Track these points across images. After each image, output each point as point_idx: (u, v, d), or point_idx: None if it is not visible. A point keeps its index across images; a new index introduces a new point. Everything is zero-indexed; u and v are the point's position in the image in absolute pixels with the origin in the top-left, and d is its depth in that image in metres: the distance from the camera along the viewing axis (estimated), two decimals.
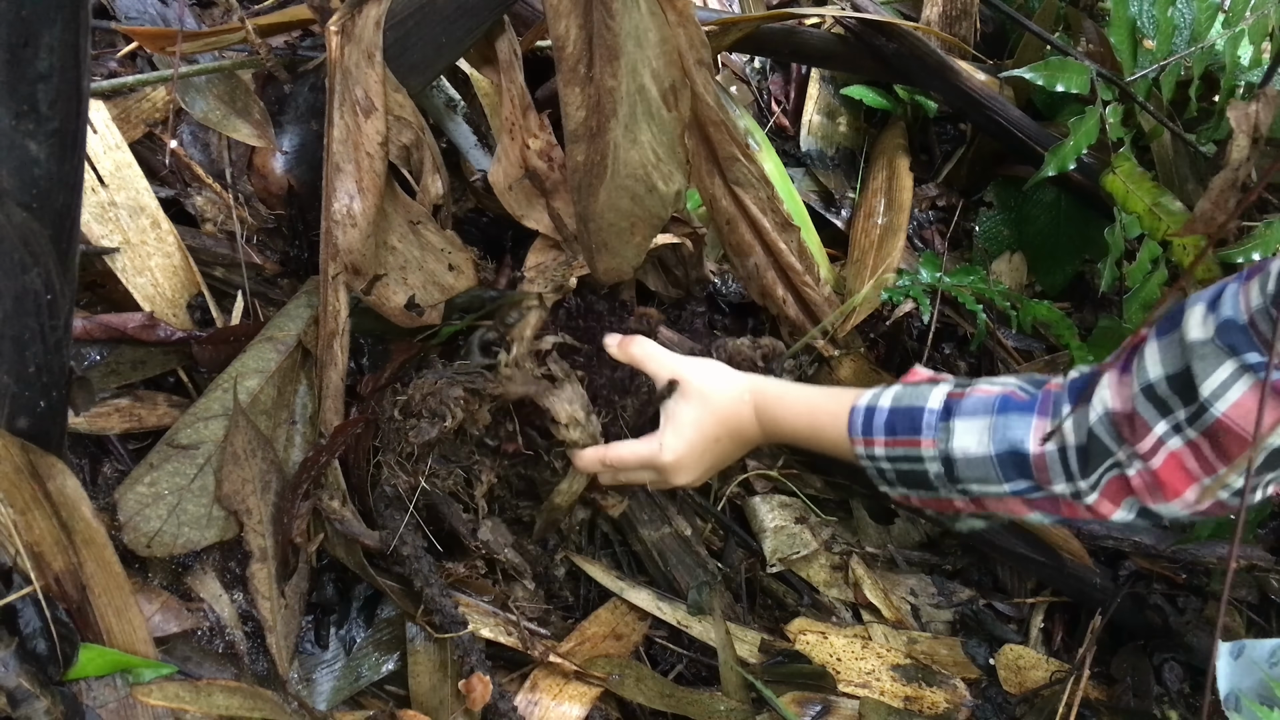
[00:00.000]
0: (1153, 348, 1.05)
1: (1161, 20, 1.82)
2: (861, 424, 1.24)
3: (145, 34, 1.36)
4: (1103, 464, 1.08)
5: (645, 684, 1.39)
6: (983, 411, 1.17)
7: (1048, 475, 1.12)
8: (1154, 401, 1.03)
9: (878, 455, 1.23)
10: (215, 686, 1.13)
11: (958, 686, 1.57)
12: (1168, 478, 1.04)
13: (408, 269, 1.36)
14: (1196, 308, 1.02)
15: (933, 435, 1.18)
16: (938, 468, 1.18)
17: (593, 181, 1.26)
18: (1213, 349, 0.98)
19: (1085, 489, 1.11)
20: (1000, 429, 1.15)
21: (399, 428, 1.23)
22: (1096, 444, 1.08)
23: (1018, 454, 1.13)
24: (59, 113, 0.82)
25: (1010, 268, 2.06)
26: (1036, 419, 1.14)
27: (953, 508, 1.24)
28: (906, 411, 1.21)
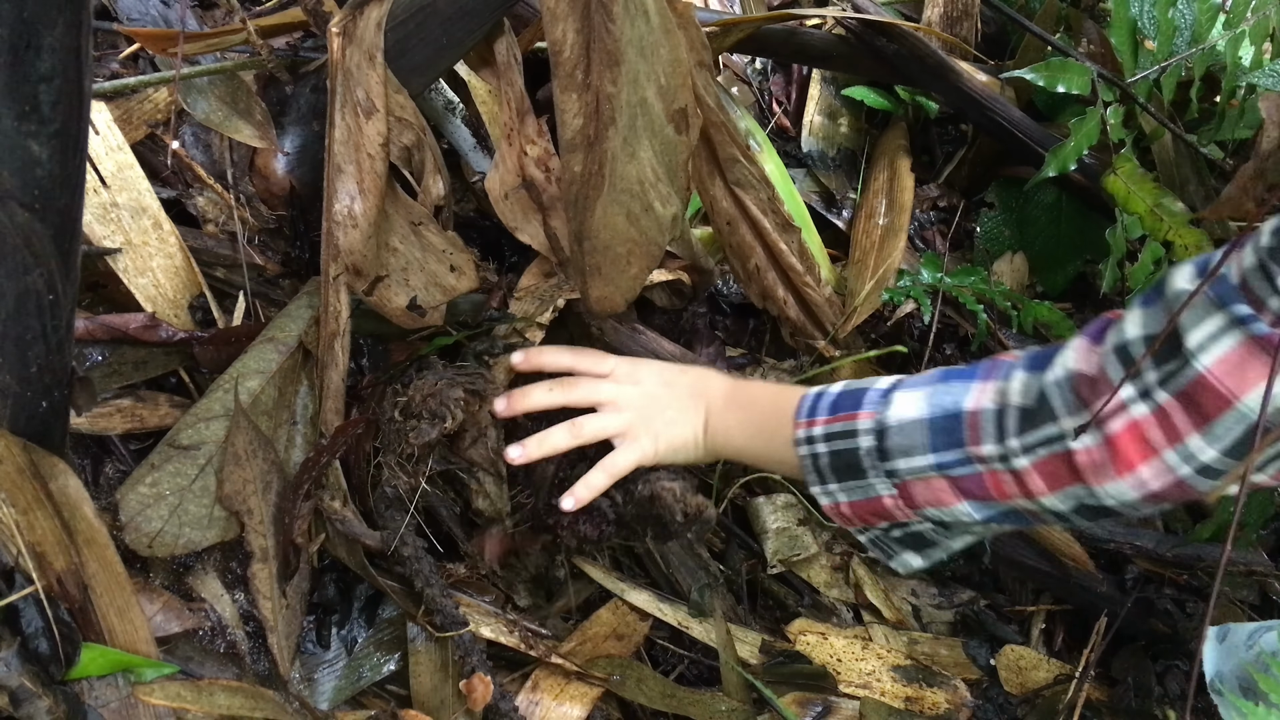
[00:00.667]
0: (1135, 313, 1.00)
1: (1162, 21, 1.82)
2: (809, 406, 1.21)
3: (147, 35, 1.36)
4: (1043, 430, 1.02)
5: (646, 684, 1.40)
6: (925, 383, 1.13)
7: (978, 434, 1.06)
8: (1125, 361, 0.97)
9: (815, 436, 1.18)
10: (217, 686, 1.13)
11: (959, 687, 1.57)
12: (1124, 447, 0.97)
13: (409, 270, 1.36)
14: (1185, 268, 0.98)
15: (872, 408, 1.14)
16: (870, 441, 1.13)
17: (589, 194, 1.23)
18: (1202, 299, 0.93)
19: (1016, 449, 1.04)
20: (939, 393, 1.11)
21: (399, 429, 1.23)
22: (1045, 407, 1.02)
23: (954, 413, 1.08)
24: (61, 114, 0.82)
25: (1011, 268, 2.06)
26: (979, 382, 1.09)
27: (880, 507, 1.17)
28: (854, 392, 1.19)
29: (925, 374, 1.16)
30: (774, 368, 1.77)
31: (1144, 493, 0.99)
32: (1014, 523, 1.14)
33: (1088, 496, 1.03)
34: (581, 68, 1.13)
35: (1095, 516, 1.06)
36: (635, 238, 1.31)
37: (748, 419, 1.31)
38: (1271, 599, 1.84)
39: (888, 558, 1.26)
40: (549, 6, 1.07)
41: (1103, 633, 1.69)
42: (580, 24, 1.10)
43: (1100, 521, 1.09)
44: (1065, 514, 1.06)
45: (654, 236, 1.35)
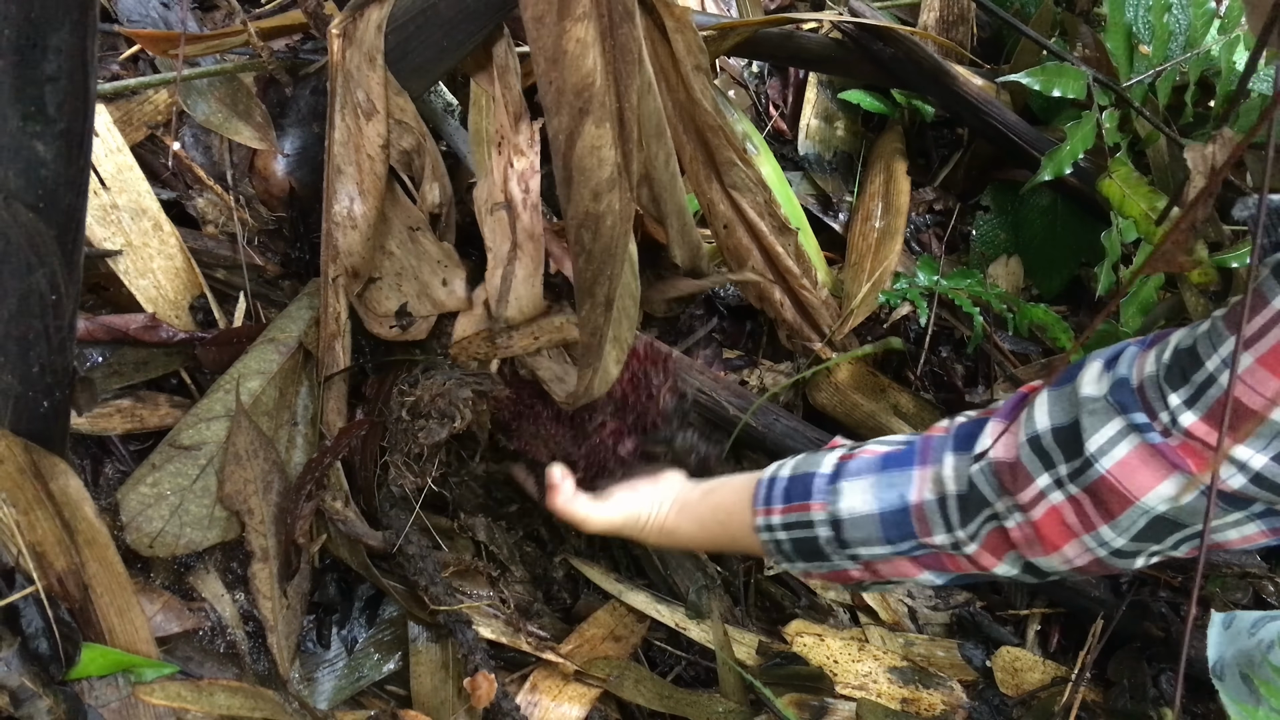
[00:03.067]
0: (1043, 399, 1.05)
1: (1158, 26, 1.83)
2: (764, 494, 1.23)
3: (148, 37, 1.36)
4: (981, 514, 1.08)
5: (644, 685, 1.40)
6: (867, 470, 1.16)
7: (927, 526, 1.11)
8: (1038, 453, 1.03)
9: (774, 524, 1.21)
10: (217, 686, 1.14)
11: (954, 688, 1.58)
12: (1047, 531, 1.04)
13: (403, 276, 1.36)
14: (1094, 364, 1.03)
15: (822, 499, 1.17)
16: (827, 531, 1.17)
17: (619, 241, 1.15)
18: (1103, 405, 0.99)
19: (964, 539, 1.10)
20: (883, 484, 1.14)
21: (407, 428, 1.23)
22: (975, 493, 1.08)
23: (901, 509, 1.12)
24: (66, 114, 0.82)
25: (1007, 271, 2.07)
26: (918, 470, 1.13)
27: (850, 578, 1.23)
28: (801, 478, 1.21)
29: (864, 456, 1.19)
30: (770, 369, 1.78)
31: (1070, 567, 1.07)
32: (970, 581, 1.21)
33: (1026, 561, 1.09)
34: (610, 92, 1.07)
35: (1040, 575, 1.12)
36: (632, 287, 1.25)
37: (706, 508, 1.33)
38: (1265, 600, 1.84)
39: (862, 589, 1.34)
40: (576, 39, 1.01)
41: (1098, 635, 1.70)
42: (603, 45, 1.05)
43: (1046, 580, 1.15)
44: (1015, 575, 1.12)
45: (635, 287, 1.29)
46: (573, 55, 1.00)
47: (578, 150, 1.05)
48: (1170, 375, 0.95)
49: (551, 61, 1.00)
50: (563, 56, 1.00)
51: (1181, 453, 0.94)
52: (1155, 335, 1.01)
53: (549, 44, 0.99)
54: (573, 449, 1.37)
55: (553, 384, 1.33)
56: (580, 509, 1.31)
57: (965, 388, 1.96)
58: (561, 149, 1.06)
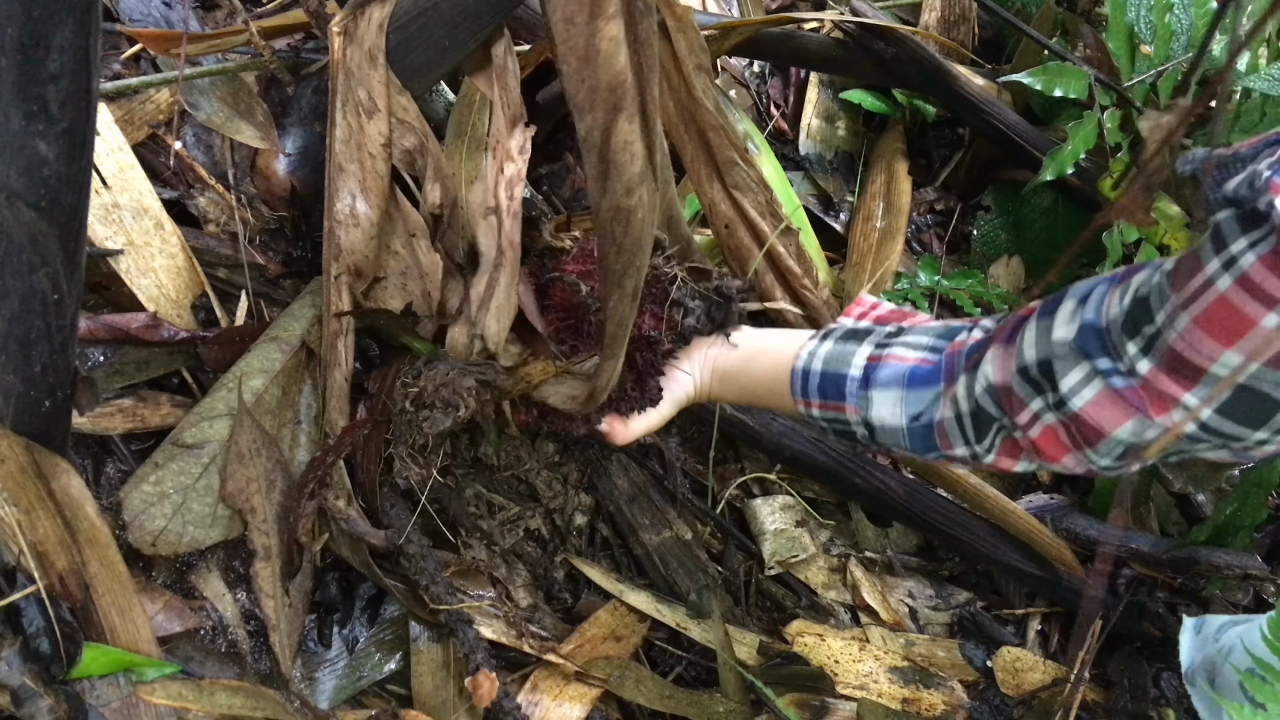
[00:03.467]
0: (1032, 329, 1.09)
1: (1159, 26, 1.83)
2: (800, 386, 1.28)
3: (150, 36, 1.36)
4: (992, 428, 1.14)
5: (645, 685, 1.40)
6: (895, 383, 1.22)
7: (949, 440, 1.17)
8: (1029, 382, 1.08)
9: (815, 415, 1.28)
10: (218, 685, 1.14)
11: (955, 688, 1.58)
12: (1045, 446, 1.09)
13: (408, 275, 1.36)
14: (1068, 303, 1.07)
15: (855, 402, 1.23)
16: (863, 431, 1.23)
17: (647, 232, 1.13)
18: (1069, 350, 1.03)
19: (982, 451, 1.16)
20: (910, 401, 1.20)
21: (411, 419, 1.23)
22: (983, 412, 1.13)
23: (926, 425, 1.19)
24: (69, 113, 0.82)
25: (1008, 271, 2.07)
26: (943, 386, 1.18)
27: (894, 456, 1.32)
28: (833, 377, 1.26)
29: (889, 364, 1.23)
30: None
31: (1072, 472, 1.12)
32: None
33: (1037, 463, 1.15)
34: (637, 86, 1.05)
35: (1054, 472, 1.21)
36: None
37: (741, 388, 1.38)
38: (1265, 601, 1.85)
39: None
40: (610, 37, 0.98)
41: (1097, 635, 1.70)
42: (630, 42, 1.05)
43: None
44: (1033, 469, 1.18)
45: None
46: (606, 54, 1.00)
47: (613, 146, 1.06)
48: (1126, 324, 0.99)
49: (584, 60, 1.00)
50: (596, 55, 1.00)
51: (1142, 394, 0.99)
52: (1124, 271, 1.04)
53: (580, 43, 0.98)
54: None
55: (565, 404, 1.34)
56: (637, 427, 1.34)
57: None
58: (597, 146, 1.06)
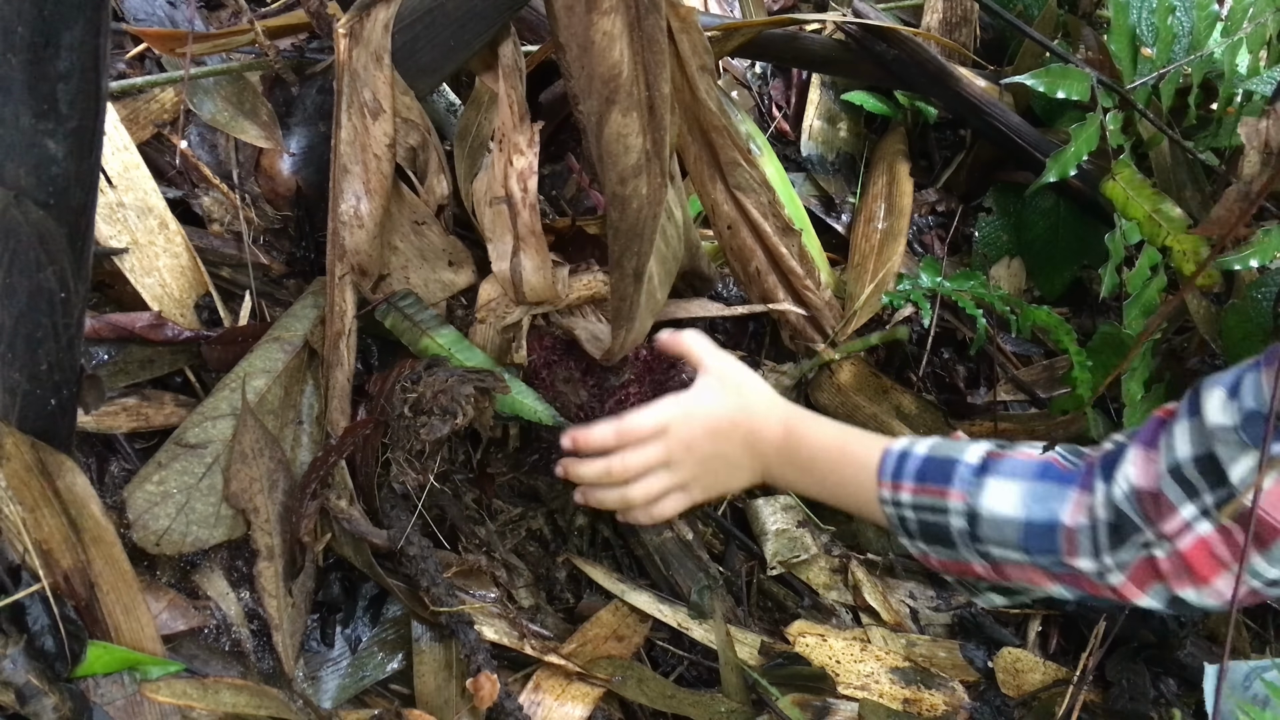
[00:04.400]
0: (1182, 427, 1.02)
1: (1161, 28, 1.83)
2: (893, 467, 1.21)
3: (155, 35, 1.36)
4: (1132, 543, 1.05)
5: (647, 685, 1.40)
6: (1022, 475, 1.13)
7: (1075, 548, 1.09)
8: (1180, 483, 1.00)
9: (903, 501, 1.19)
10: (222, 684, 1.14)
11: (956, 689, 1.58)
12: (1196, 563, 1.01)
13: (410, 268, 1.37)
14: (1216, 391, 1.00)
15: (964, 488, 1.14)
16: (962, 523, 1.15)
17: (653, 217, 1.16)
18: (1236, 439, 0.96)
19: (1111, 567, 1.07)
20: (1039, 496, 1.11)
21: (409, 425, 1.24)
22: (1126, 521, 1.05)
23: (1050, 524, 1.09)
24: (78, 112, 0.82)
25: (1009, 273, 2.07)
26: (1077, 492, 1.10)
27: (972, 572, 1.20)
28: (941, 461, 1.18)
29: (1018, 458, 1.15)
30: (773, 370, 1.78)
31: (1222, 600, 1.03)
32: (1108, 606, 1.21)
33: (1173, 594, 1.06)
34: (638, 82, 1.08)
35: (1187, 609, 1.11)
36: (665, 254, 1.28)
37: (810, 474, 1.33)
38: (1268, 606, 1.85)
39: (972, 595, 1.30)
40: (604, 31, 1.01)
41: (1100, 638, 1.70)
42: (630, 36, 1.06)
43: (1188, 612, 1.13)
44: (1159, 607, 1.10)
45: (675, 248, 1.32)
46: (600, 46, 1.01)
47: (605, 135, 1.07)
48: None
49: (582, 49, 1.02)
50: (591, 46, 1.02)
51: None
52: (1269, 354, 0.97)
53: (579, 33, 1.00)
54: (596, 406, 1.41)
55: (589, 343, 1.38)
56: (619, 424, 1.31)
57: (967, 389, 1.96)
58: (593, 131, 1.08)
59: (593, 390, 1.43)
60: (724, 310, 1.69)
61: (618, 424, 1.31)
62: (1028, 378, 1.99)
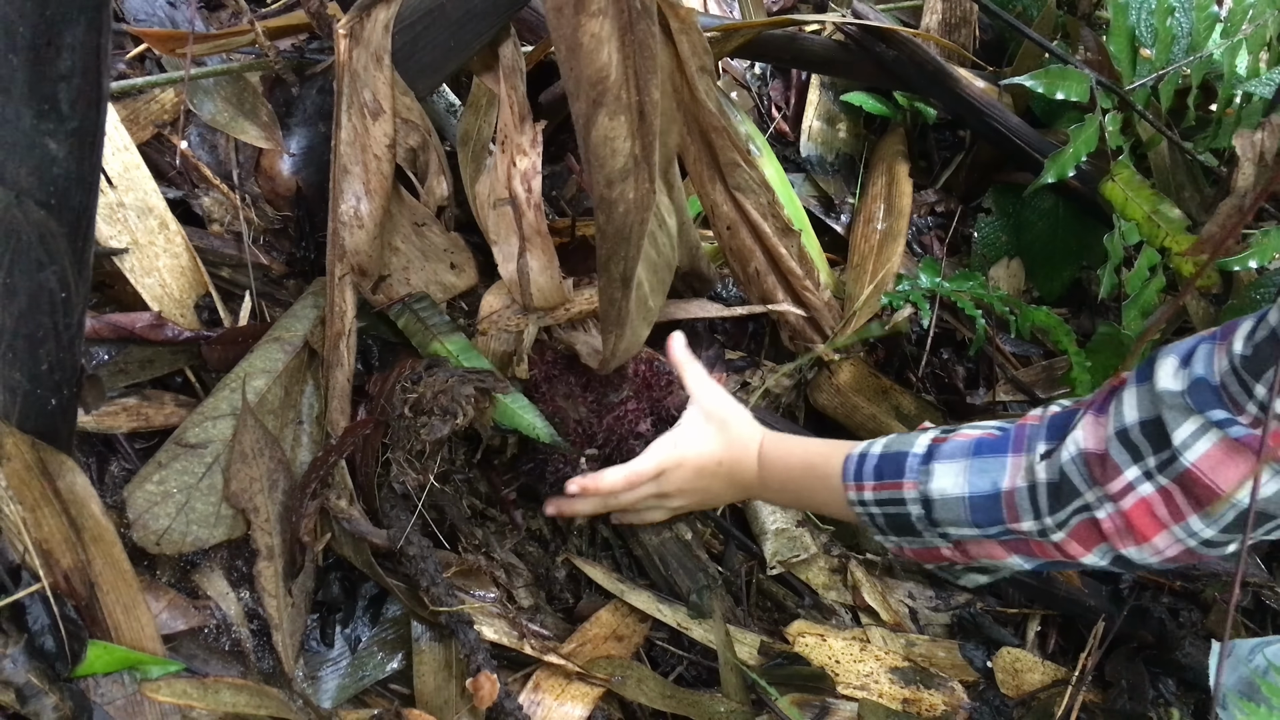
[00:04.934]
0: (1131, 393, 1.07)
1: (1160, 29, 1.83)
2: (854, 470, 1.28)
3: (156, 36, 1.36)
4: (1072, 503, 1.10)
5: (646, 685, 1.40)
6: (960, 454, 1.20)
7: (1016, 513, 1.14)
8: (1126, 446, 1.05)
9: (867, 500, 1.26)
10: (222, 684, 1.14)
11: (955, 689, 1.58)
12: (1137, 522, 1.06)
13: (410, 269, 1.37)
14: (1169, 359, 1.05)
15: (914, 478, 1.21)
16: (918, 510, 1.21)
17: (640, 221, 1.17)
18: (1181, 403, 1.01)
19: (1051, 526, 1.12)
20: (976, 469, 1.17)
21: (410, 425, 1.24)
22: (1067, 483, 1.10)
23: (992, 495, 1.15)
24: (79, 112, 0.82)
25: (1008, 274, 2.07)
26: (1011, 457, 1.16)
27: (941, 556, 1.27)
28: (894, 456, 1.25)
29: (958, 440, 1.22)
30: (773, 370, 1.78)
31: (1159, 559, 1.08)
32: (1061, 569, 1.27)
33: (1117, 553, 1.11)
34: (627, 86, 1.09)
35: (1130, 567, 1.14)
36: (655, 262, 1.28)
37: (787, 493, 1.46)
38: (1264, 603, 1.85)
39: (954, 579, 1.38)
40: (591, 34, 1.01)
41: (1099, 638, 1.71)
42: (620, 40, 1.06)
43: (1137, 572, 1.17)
44: (1104, 565, 1.14)
45: (668, 256, 1.33)
46: (587, 49, 1.01)
47: (592, 138, 1.07)
48: (1251, 364, 0.96)
49: (571, 51, 1.02)
50: (579, 49, 1.01)
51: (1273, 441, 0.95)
52: (1225, 328, 1.02)
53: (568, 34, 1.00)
54: (594, 421, 1.43)
55: (589, 356, 1.41)
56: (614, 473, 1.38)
57: (967, 390, 1.96)
58: (581, 133, 1.08)
59: (592, 406, 1.44)
60: (723, 311, 1.69)
61: (627, 474, 1.39)
62: (1027, 378, 2.00)
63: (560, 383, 1.44)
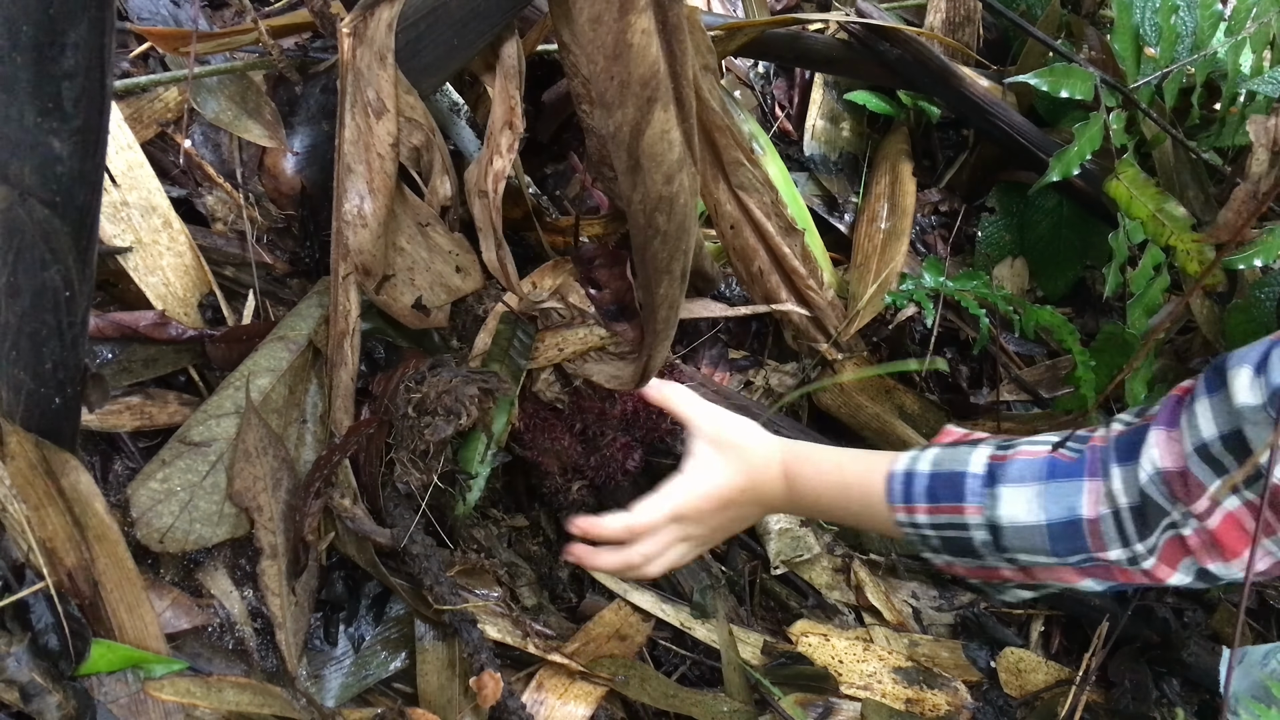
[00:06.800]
0: (1204, 405, 1.02)
1: (1165, 28, 1.83)
2: (901, 491, 1.19)
3: (159, 34, 1.36)
4: (1159, 525, 1.04)
5: (650, 685, 1.40)
6: (1030, 477, 1.11)
7: (1103, 542, 1.07)
8: (1208, 461, 1.00)
9: (920, 523, 1.17)
10: (225, 683, 1.14)
11: (959, 689, 1.58)
12: (1225, 538, 1.01)
13: (415, 270, 1.37)
14: (1243, 370, 0.99)
15: (978, 502, 1.13)
16: (984, 535, 1.13)
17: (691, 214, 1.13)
18: (1265, 417, 0.96)
19: (1143, 553, 1.06)
20: (1052, 495, 1.10)
21: (413, 425, 1.24)
22: (1151, 504, 1.04)
23: (1072, 522, 1.08)
24: (83, 111, 0.82)
25: (1012, 273, 2.07)
26: (1088, 482, 1.09)
27: (999, 576, 1.19)
28: (948, 477, 1.16)
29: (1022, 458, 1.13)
30: (776, 370, 1.78)
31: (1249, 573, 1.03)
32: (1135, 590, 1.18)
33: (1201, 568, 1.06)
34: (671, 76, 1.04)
35: (1211, 581, 1.09)
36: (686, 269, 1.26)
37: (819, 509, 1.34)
38: (1271, 605, 1.85)
39: (998, 594, 1.28)
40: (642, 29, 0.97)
41: (1103, 639, 1.70)
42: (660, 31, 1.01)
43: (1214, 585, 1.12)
44: (1189, 584, 1.09)
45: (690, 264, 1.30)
46: (639, 47, 0.98)
47: (646, 139, 1.04)
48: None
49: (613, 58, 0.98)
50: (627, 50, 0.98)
51: None
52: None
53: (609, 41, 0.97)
54: (583, 462, 1.41)
55: (610, 380, 1.38)
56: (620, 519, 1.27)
57: (970, 389, 1.96)
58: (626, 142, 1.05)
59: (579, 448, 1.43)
60: (727, 310, 1.69)
61: (628, 521, 1.27)
62: (1031, 378, 1.99)
63: (544, 431, 1.43)
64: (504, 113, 1.34)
